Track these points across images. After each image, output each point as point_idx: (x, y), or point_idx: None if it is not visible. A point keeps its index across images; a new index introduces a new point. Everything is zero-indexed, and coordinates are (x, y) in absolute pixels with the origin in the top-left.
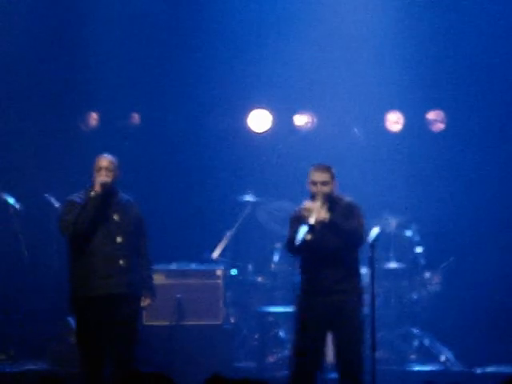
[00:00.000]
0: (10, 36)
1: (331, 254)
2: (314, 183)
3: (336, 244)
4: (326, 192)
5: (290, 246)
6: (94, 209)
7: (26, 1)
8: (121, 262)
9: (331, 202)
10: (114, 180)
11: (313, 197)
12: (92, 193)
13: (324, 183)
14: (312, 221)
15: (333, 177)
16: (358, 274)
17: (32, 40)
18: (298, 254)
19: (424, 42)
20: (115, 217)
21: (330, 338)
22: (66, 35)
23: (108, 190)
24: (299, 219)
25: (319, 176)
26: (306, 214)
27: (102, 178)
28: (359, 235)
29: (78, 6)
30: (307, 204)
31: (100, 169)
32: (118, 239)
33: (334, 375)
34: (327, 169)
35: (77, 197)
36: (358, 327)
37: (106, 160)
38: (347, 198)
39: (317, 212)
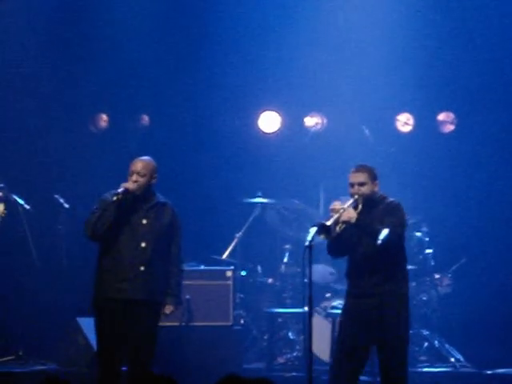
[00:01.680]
0: (20, 37)
1: (367, 257)
2: (352, 185)
3: (366, 245)
4: (363, 193)
5: (328, 248)
6: (115, 213)
7: (39, 2)
8: (142, 267)
9: (371, 203)
10: (145, 185)
11: (351, 197)
12: (114, 197)
13: (361, 184)
14: (329, 222)
15: (372, 177)
16: (397, 278)
17: (42, 41)
18: (338, 256)
19: (434, 43)
20: (144, 221)
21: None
22: (76, 37)
23: (133, 195)
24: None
25: (356, 177)
26: (331, 213)
27: (128, 183)
28: (395, 235)
29: (89, 8)
30: (334, 204)
31: (132, 173)
32: (143, 244)
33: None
34: (365, 169)
35: (110, 195)
36: (398, 332)
37: (139, 164)
38: (390, 199)
39: (340, 213)
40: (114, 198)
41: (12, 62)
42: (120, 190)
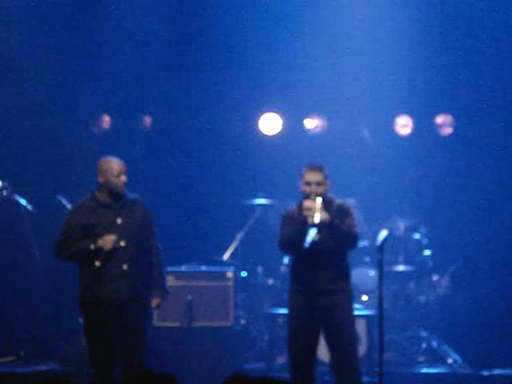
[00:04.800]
0: (23, 37)
1: (326, 254)
2: (309, 183)
3: (332, 244)
4: (321, 192)
5: (285, 244)
6: (86, 258)
7: (43, 5)
8: (124, 266)
9: (325, 203)
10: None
11: (307, 197)
12: (91, 246)
13: (318, 183)
14: (317, 220)
15: (326, 177)
16: (349, 275)
17: (44, 42)
18: (292, 253)
19: (433, 46)
20: (118, 221)
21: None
22: (78, 38)
23: (115, 196)
24: (291, 218)
25: (314, 176)
26: (307, 213)
27: (105, 243)
28: (354, 236)
29: (93, 9)
30: (307, 203)
31: (119, 174)
32: (122, 243)
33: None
34: (321, 169)
35: (79, 210)
36: (350, 327)
37: (122, 164)
38: (338, 200)
39: (318, 211)
40: (92, 247)
41: (14, 63)
42: (97, 248)
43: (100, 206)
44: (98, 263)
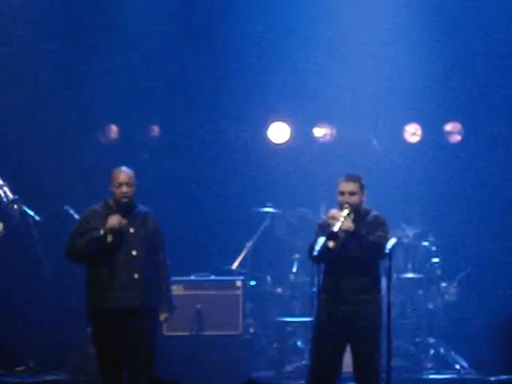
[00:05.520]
0: (29, 45)
1: (354, 263)
2: (342, 193)
3: (358, 254)
4: (354, 202)
5: (311, 253)
6: (97, 250)
7: (51, 15)
8: (135, 275)
9: (358, 213)
10: (132, 194)
11: (341, 206)
12: (101, 231)
13: (352, 193)
14: (336, 228)
15: (362, 188)
16: (378, 286)
17: (51, 51)
18: (318, 262)
19: (442, 54)
20: (131, 230)
21: (348, 348)
22: (85, 48)
23: (120, 205)
24: (324, 227)
25: (347, 186)
26: (330, 221)
27: (113, 222)
28: (381, 247)
29: (100, 18)
30: (333, 212)
31: (120, 184)
32: (134, 252)
33: None
34: (356, 179)
35: (92, 215)
36: (376, 338)
37: (125, 175)
38: (375, 212)
39: (342, 220)
40: (102, 232)
41: (20, 72)
42: (107, 229)
43: (113, 213)
44: (110, 238)
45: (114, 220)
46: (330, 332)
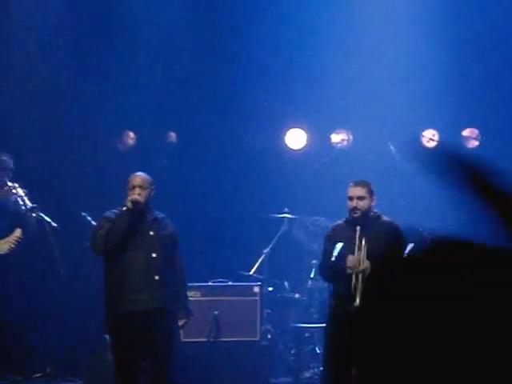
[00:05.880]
0: (43, 51)
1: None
2: (351, 198)
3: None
4: (362, 207)
5: (324, 275)
6: (125, 224)
7: (66, 20)
8: (156, 276)
9: (367, 219)
10: (147, 198)
11: (349, 212)
12: (123, 208)
13: (360, 198)
14: (357, 301)
15: (370, 193)
16: None
17: (67, 57)
18: (329, 280)
19: (459, 59)
20: (151, 232)
21: None
22: (101, 53)
23: (140, 207)
24: (335, 239)
25: (356, 191)
26: (349, 271)
27: (134, 195)
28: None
29: (116, 24)
30: (350, 260)
31: (133, 187)
32: (154, 254)
33: None
34: (365, 184)
35: (111, 213)
36: None
37: (139, 178)
38: (385, 218)
39: (358, 264)
40: (124, 209)
41: (35, 80)
42: (131, 200)
43: (133, 216)
44: (129, 205)
45: (136, 195)
46: (339, 337)
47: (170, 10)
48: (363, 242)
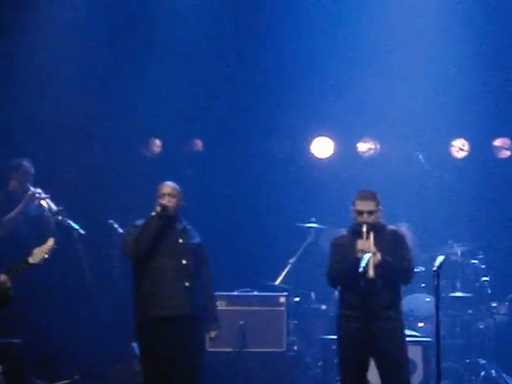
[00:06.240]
0: (71, 58)
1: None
2: (360, 213)
3: (384, 279)
4: (373, 222)
5: (334, 279)
6: (155, 228)
7: (97, 31)
8: (186, 283)
9: (376, 230)
10: (177, 206)
11: (358, 226)
12: (153, 213)
13: (370, 212)
14: (371, 273)
15: (379, 204)
16: (401, 301)
17: (94, 64)
18: (339, 286)
19: (490, 68)
20: (180, 240)
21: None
22: (128, 61)
23: (169, 213)
24: (341, 247)
25: (365, 205)
26: (360, 254)
27: (164, 201)
28: (408, 271)
29: (143, 33)
30: (360, 244)
31: (163, 195)
32: (184, 261)
33: None
34: (373, 197)
35: (140, 222)
36: (405, 354)
37: (168, 187)
38: (391, 226)
39: (369, 258)
40: (154, 213)
41: (62, 86)
42: (162, 204)
43: (164, 226)
44: (153, 213)
45: (166, 199)
46: (356, 349)
47: (196, 17)
48: (371, 234)
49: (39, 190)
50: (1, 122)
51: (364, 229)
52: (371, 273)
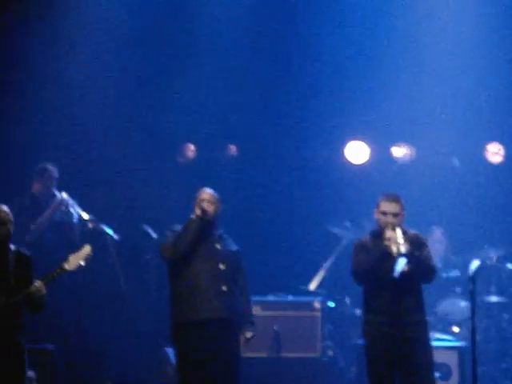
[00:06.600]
0: (105, 62)
1: (405, 283)
2: (385, 213)
3: (410, 274)
4: (396, 223)
5: (362, 273)
6: (194, 231)
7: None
8: (224, 287)
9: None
10: (215, 213)
11: (382, 227)
12: (192, 216)
13: (395, 214)
14: (403, 249)
15: (403, 207)
16: (424, 305)
17: (128, 71)
18: (366, 282)
19: None
20: (218, 246)
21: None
22: (162, 66)
23: (208, 218)
24: (365, 247)
25: (391, 207)
26: (388, 243)
27: (203, 205)
28: (433, 270)
29: (177, 38)
30: (389, 233)
31: (202, 200)
32: (221, 266)
33: None
34: (399, 199)
35: (178, 226)
36: (432, 358)
37: (208, 193)
38: (412, 230)
39: (402, 242)
40: (193, 217)
41: (98, 92)
42: (201, 208)
43: (203, 229)
44: (192, 217)
45: (205, 205)
46: (384, 354)
47: (231, 22)
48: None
49: (66, 196)
50: (31, 127)
51: (388, 225)
52: (403, 249)
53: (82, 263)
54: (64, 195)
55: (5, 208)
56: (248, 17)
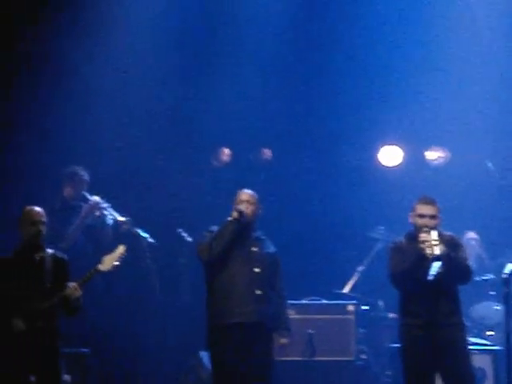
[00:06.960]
0: (141, 71)
1: (441, 287)
2: (422, 216)
3: (447, 277)
4: (434, 225)
5: (399, 276)
6: (231, 233)
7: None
8: (258, 291)
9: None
10: (254, 214)
11: (418, 230)
12: (229, 218)
13: (432, 217)
14: (437, 252)
15: (439, 212)
16: (461, 308)
17: (163, 74)
18: (404, 285)
19: None
20: (254, 248)
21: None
22: (197, 70)
23: (245, 220)
24: (400, 250)
25: (428, 209)
26: (423, 246)
27: (241, 206)
28: (470, 270)
29: (212, 41)
30: (424, 235)
31: (241, 202)
32: (256, 269)
33: None
34: (436, 202)
35: (215, 228)
36: (469, 361)
37: (247, 194)
38: (447, 233)
39: (437, 244)
40: (231, 218)
41: (133, 95)
42: (238, 210)
43: (240, 232)
44: (229, 218)
45: (244, 206)
46: (420, 358)
47: (269, 26)
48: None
49: (98, 199)
50: (65, 129)
51: (425, 228)
52: (437, 251)
53: (117, 263)
54: (96, 198)
55: (37, 209)
56: (286, 22)
